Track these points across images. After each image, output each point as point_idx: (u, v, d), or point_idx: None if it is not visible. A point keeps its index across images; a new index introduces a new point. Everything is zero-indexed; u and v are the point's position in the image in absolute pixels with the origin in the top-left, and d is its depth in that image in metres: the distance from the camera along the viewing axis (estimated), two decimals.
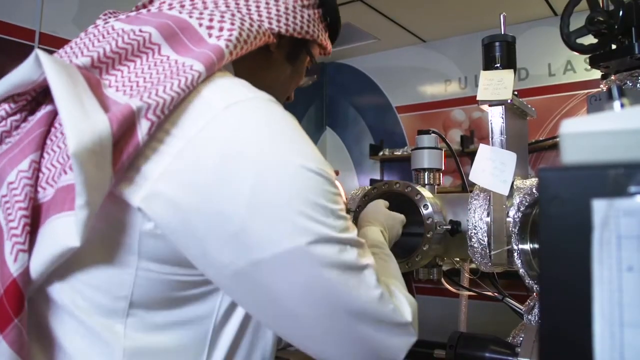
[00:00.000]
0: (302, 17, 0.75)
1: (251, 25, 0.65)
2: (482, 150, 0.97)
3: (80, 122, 0.47)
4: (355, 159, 5.18)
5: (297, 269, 0.52)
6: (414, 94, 4.85)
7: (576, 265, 0.29)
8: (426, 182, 1.08)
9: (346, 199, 1.15)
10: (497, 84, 0.96)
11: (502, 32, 1.01)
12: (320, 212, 0.53)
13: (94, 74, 0.56)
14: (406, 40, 4.71)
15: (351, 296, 0.54)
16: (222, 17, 0.62)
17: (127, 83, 0.56)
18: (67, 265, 0.54)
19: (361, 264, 0.55)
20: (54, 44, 2.99)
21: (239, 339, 0.63)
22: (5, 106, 0.59)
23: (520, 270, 0.88)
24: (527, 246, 0.89)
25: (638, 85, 0.90)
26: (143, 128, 0.51)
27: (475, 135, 4.35)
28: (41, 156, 0.55)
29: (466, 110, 4.53)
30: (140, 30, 0.59)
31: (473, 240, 0.95)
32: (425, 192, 1.01)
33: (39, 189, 0.53)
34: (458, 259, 1.12)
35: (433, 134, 1.09)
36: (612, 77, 0.95)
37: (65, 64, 0.53)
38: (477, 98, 0.97)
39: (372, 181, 4.50)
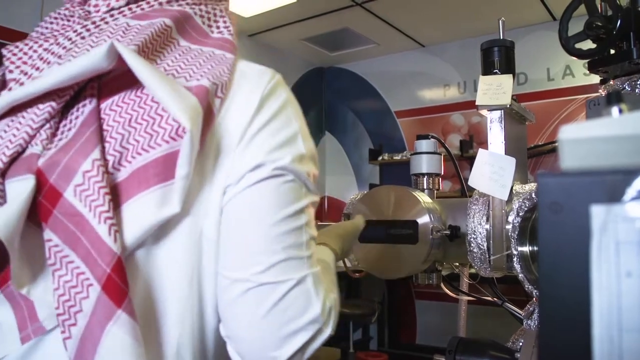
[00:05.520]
0: None
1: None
2: (481, 155, 0.97)
3: (181, 103, 0.53)
4: (354, 164, 5.18)
5: None
6: (413, 99, 4.86)
7: (575, 270, 0.29)
8: (425, 187, 1.08)
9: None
10: (496, 89, 0.96)
11: (501, 37, 1.02)
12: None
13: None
14: (405, 45, 4.72)
15: None
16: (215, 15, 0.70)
17: (181, 70, 0.60)
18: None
19: None
20: None
21: None
22: (52, 103, 0.58)
23: (520, 276, 0.88)
24: (526, 251, 0.89)
25: (637, 90, 0.91)
26: (217, 106, 0.58)
27: (474, 139, 4.36)
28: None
29: (465, 114, 4.54)
30: (163, 23, 0.62)
31: (472, 245, 0.95)
32: (425, 197, 1.01)
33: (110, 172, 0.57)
34: (457, 264, 1.12)
35: (432, 139, 1.09)
36: (611, 82, 0.95)
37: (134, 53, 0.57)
38: (476, 103, 0.97)
39: (371, 186, 4.51)
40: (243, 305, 0.57)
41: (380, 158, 4.79)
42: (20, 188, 0.54)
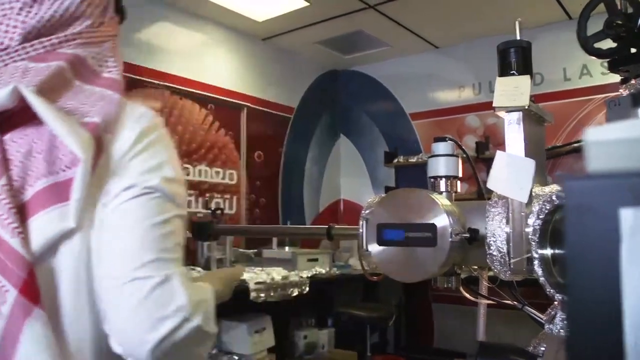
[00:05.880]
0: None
1: None
2: (500, 157, 0.96)
3: (77, 138, 0.66)
4: (369, 167, 5.17)
5: None
6: (427, 101, 4.84)
7: (604, 274, 0.28)
8: (443, 190, 1.07)
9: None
10: (513, 90, 0.95)
11: (518, 38, 1.01)
12: None
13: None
14: (419, 47, 4.70)
15: None
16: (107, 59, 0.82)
17: (75, 108, 0.71)
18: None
19: None
20: None
21: None
22: None
23: (541, 279, 0.87)
24: (547, 253, 0.88)
25: None
26: (106, 140, 0.71)
27: (490, 141, 4.31)
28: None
29: (480, 116, 4.51)
30: (58, 66, 0.72)
31: (492, 248, 0.94)
32: (443, 200, 1.00)
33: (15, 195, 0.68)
34: (476, 267, 1.11)
35: (449, 141, 1.08)
36: (632, 82, 0.93)
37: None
38: (494, 105, 0.96)
39: (387, 188, 4.49)
40: (120, 298, 0.69)
41: (395, 160, 4.77)
42: None
